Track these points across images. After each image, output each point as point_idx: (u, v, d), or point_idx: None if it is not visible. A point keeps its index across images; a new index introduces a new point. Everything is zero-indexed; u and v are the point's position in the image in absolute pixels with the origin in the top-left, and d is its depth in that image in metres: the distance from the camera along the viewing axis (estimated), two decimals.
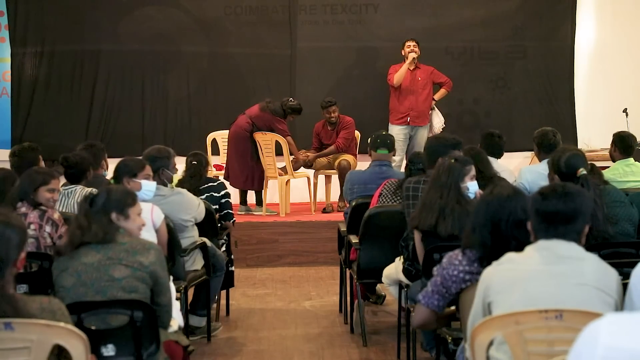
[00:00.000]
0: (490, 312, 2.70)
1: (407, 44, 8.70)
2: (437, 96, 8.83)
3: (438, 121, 8.79)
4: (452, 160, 4.05)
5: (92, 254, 3.26)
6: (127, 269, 3.24)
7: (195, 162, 5.72)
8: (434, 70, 8.80)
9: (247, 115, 8.29)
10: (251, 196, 8.60)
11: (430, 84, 8.77)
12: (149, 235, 4.20)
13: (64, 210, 4.63)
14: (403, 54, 8.71)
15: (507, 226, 3.02)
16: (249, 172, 8.31)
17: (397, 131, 8.48)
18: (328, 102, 8.54)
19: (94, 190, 3.81)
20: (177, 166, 5.17)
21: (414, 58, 8.58)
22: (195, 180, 5.64)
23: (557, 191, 2.73)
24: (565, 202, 2.71)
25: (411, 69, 8.64)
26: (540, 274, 2.67)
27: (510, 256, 2.77)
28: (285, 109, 8.31)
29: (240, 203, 8.48)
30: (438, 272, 3.19)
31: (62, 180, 4.96)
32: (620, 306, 2.73)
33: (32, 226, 4.11)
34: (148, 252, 3.30)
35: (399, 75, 8.59)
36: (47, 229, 4.15)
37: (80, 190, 4.79)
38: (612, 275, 2.75)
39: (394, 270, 4.70)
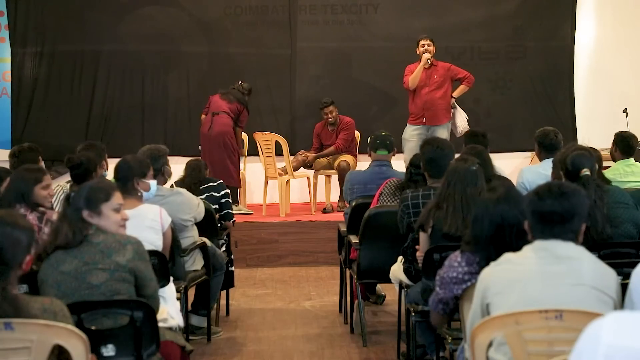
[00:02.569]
0: (489, 313, 2.70)
1: (422, 42, 8.33)
2: (455, 93, 8.45)
3: (461, 120, 8.41)
4: (462, 162, 4.03)
5: (70, 261, 3.19)
6: (104, 272, 3.18)
7: (195, 160, 5.80)
8: (451, 66, 8.47)
9: (224, 113, 8.21)
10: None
11: (448, 82, 8.40)
12: (156, 237, 4.19)
13: None
14: (417, 53, 8.36)
15: (511, 230, 3.02)
16: (234, 168, 8.28)
17: (410, 132, 8.32)
18: (324, 103, 8.54)
19: None
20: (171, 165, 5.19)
21: (428, 59, 8.23)
22: (195, 174, 5.66)
23: (552, 191, 2.73)
24: (561, 202, 2.71)
25: (426, 67, 8.30)
26: (539, 274, 2.67)
27: (508, 256, 2.77)
28: (246, 93, 8.34)
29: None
30: (439, 276, 3.19)
31: (65, 178, 4.96)
32: (619, 306, 2.73)
33: None
34: (124, 249, 3.23)
35: (413, 77, 8.25)
36: (47, 230, 4.12)
37: None
38: (610, 275, 2.75)
39: (397, 268, 4.70)
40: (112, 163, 5.79)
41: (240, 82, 8.46)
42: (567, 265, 2.68)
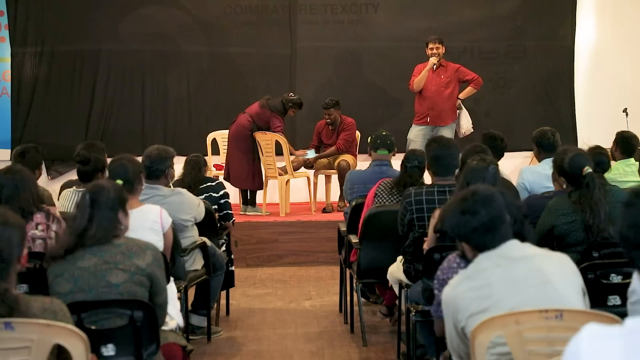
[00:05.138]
0: (465, 335, 2.66)
1: (430, 45, 8.27)
2: (462, 95, 8.43)
3: (466, 121, 8.41)
4: (476, 161, 3.98)
5: (88, 257, 3.19)
6: (124, 273, 3.18)
7: (194, 157, 5.78)
8: (459, 67, 8.43)
9: (247, 114, 8.29)
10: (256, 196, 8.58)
11: (455, 83, 8.37)
12: (157, 238, 4.19)
13: None
14: (427, 54, 8.32)
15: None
16: (249, 171, 8.30)
17: (415, 132, 8.32)
18: (325, 104, 8.53)
19: None
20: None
21: (434, 64, 8.21)
22: (195, 173, 5.66)
23: (477, 201, 2.69)
24: (492, 205, 2.68)
25: (434, 69, 8.29)
26: (503, 284, 2.64)
27: (465, 273, 2.72)
28: (285, 104, 8.31)
29: (242, 203, 8.48)
30: (438, 279, 3.18)
31: (65, 178, 4.93)
32: (584, 285, 2.75)
33: (40, 227, 4.05)
34: (144, 253, 3.24)
35: (418, 80, 8.23)
36: (54, 227, 4.10)
37: None
38: (566, 260, 2.76)
39: (396, 269, 4.70)
40: None
41: (291, 93, 8.45)
42: (526, 266, 2.66)
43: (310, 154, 8.59)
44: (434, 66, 8.26)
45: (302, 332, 5.65)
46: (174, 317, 3.71)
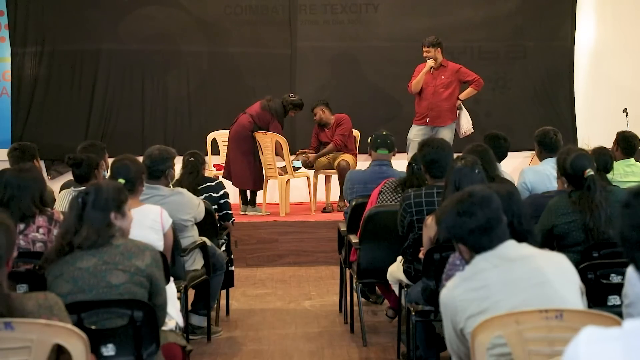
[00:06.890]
0: (464, 336, 2.66)
1: (424, 49, 8.27)
2: (462, 95, 8.40)
3: (466, 122, 8.39)
4: (462, 163, 3.97)
5: (87, 258, 3.18)
6: (124, 274, 3.18)
7: (193, 159, 5.72)
8: (460, 68, 8.41)
9: (248, 114, 8.29)
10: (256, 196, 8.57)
11: (456, 83, 8.35)
12: (157, 237, 4.19)
13: None
14: (424, 56, 8.33)
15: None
16: (250, 171, 8.30)
17: (415, 131, 8.33)
18: (313, 104, 8.57)
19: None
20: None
21: (431, 67, 8.21)
22: (193, 177, 5.65)
23: (474, 202, 2.68)
24: (488, 207, 2.67)
25: (435, 69, 8.27)
26: (502, 285, 2.63)
27: (463, 275, 2.72)
28: (286, 105, 8.32)
29: (242, 203, 8.48)
30: (445, 274, 3.18)
31: (65, 177, 4.93)
32: (581, 284, 2.76)
33: (41, 230, 4.04)
34: (143, 254, 3.23)
35: (416, 82, 8.24)
36: (55, 231, 4.08)
37: None
38: (563, 259, 2.76)
39: (396, 269, 4.70)
40: None
41: (291, 94, 8.46)
42: (524, 267, 2.66)
43: (297, 163, 8.56)
44: (431, 69, 8.27)
45: (302, 332, 5.65)
46: (173, 317, 3.71)
